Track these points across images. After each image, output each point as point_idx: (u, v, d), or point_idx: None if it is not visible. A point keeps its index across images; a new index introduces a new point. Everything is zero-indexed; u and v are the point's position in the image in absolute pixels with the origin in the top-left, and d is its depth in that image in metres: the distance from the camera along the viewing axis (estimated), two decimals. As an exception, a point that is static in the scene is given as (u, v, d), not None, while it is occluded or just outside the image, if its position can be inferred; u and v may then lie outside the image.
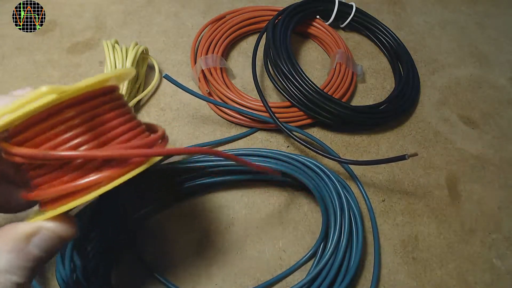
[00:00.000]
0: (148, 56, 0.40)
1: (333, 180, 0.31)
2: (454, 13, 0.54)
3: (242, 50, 0.45)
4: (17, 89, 0.18)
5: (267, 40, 0.40)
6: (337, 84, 0.40)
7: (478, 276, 0.31)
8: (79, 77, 0.41)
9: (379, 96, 0.43)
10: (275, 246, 0.31)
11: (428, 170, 0.37)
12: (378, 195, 0.35)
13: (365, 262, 0.31)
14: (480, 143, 0.40)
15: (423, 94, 0.43)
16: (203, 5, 0.49)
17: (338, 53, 0.42)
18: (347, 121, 0.37)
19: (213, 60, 0.40)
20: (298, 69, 0.37)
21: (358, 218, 0.30)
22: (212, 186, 0.33)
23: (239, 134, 0.37)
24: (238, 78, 0.42)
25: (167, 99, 0.40)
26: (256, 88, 0.36)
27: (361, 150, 0.38)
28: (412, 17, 0.53)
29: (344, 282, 0.27)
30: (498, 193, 0.36)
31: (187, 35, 0.46)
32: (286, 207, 0.33)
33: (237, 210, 0.33)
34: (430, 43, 0.49)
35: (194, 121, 0.38)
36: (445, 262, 0.31)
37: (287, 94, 0.37)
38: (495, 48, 0.50)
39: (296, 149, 0.37)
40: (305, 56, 0.46)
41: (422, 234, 0.33)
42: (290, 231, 0.32)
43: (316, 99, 0.36)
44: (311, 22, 0.46)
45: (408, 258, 0.31)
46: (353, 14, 0.47)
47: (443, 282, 0.30)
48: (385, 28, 0.47)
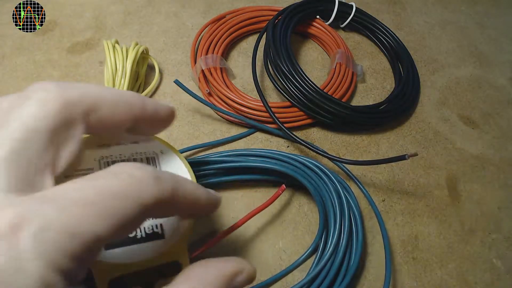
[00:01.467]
0: (148, 56, 0.40)
1: (333, 180, 0.31)
2: (454, 13, 0.54)
3: (242, 50, 0.45)
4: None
5: (267, 40, 0.40)
6: (337, 84, 0.40)
7: (478, 276, 0.31)
8: (79, 77, 0.41)
9: (379, 96, 0.43)
10: (275, 246, 0.31)
11: (428, 170, 0.37)
12: (378, 195, 0.35)
13: (365, 262, 0.31)
14: (480, 143, 0.40)
15: (423, 94, 0.43)
16: (203, 5, 0.50)
17: (338, 53, 0.42)
18: (347, 121, 0.37)
19: (213, 60, 0.40)
20: (298, 69, 0.37)
21: (358, 218, 0.30)
22: (212, 186, 0.33)
23: (239, 134, 0.37)
24: (238, 78, 0.42)
25: (167, 99, 0.40)
26: (256, 88, 0.36)
27: (361, 150, 0.38)
28: (412, 17, 0.53)
29: (344, 282, 0.27)
30: (498, 193, 0.36)
31: (187, 35, 0.46)
32: (286, 207, 0.33)
33: (237, 210, 0.33)
34: (430, 43, 0.49)
35: (194, 121, 0.38)
36: (445, 262, 0.31)
37: (287, 94, 0.37)
38: (495, 48, 0.50)
39: (296, 149, 0.37)
40: (305, 56, 0.46)
41: (422, 234, 0.33)
42: (290, 231, 0.32)
43: (316, 99, 0.36)
44: (311, 22, 0.46)
45: (408, 258, 0.31)
46: (353, 14, 0.47)
47: (443, 282, 0.30)
48: (385, 28, 0.47)
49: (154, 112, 0.18)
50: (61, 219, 0.12)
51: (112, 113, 0.16)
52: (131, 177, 0.14)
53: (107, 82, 0.36)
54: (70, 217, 0.12)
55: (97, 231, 0.12)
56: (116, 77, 0.36)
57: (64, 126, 0.15)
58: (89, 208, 0.13)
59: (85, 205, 0.13)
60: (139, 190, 0.14)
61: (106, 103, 0.16)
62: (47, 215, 0.12)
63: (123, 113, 0.17)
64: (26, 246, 0.11)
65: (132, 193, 0.14)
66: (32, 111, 0.14)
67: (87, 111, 0.15)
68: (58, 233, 0.12)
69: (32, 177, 0.13)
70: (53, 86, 0.15)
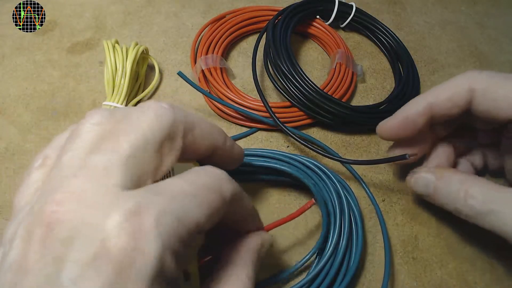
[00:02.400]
0: (148, 56, 0.40)
1: (333, 180, 0.31)
2: (454, 13, 0.54)
3: (242, 50, 0.45)
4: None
5: (267, 40, 0.40)
6: (337, 84, 0.40)
7: (478, 276, 0.31)
8: (79, 77, 0.41)
9: (379, 96, 0.43)
10: (275, 246, 0.31)
11: (428, 170, 0.37)
12: (378, 195, 0.35)
13: (365, 262, 0.31)
14: (480, 143, 0.40)
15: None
16: (203, 5, 0.50)
17: (338, 53, 0.42)
18: (347, 121, 0.37)
19: (213, 60, 0.40)
20: (298, 69, 0.37)
21: (358, 218, 0.30)
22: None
23: (239, 134, 0.37)
24: (238, 78, 0.42)
25: (167, 99, 0.40)
26: (256, 88, 0.36)
27: (361, 150, 0.38)
28: (412, 17, 0.53)
29: (344, 282, 0.27)
30: (498, 193, 0.36)
31: (187, 35, 0.46)
32: (286, 207, 0.33)
33: (237, 210, 0.33)
34: (430, 43, 0.49)
35: (194, 121, 0.38)
36: (445, 262, 0.31)
37: (287, 94, 0.37)
38: (495, 48, 0.50)
39: (296, 149, 0.37)
40: (305, 56, 0.46)
41: (422, 234, 0.33)
42: (290, 231, 0.32)
43: (316, 99, 0.36)
44: (311, 22, 0.46)
45: (408, 258, 0.31)
46: (353, 14, 0.47)
47: (443, 282, 0.30)
48: (385, 28, 0.47)
49: (230, 148, 0.22)
50: (173, 207, 0.14)
51: (201, 138, 0.19)
52: (217, 175, 0.17)
53: (107, 82, 0.36)
54: (179, 206, 0.14)
55: (198, 218, 0.15)
56: (116, 77, 0.36)
57: (170, 139, 0.17)
58: (192, 199, 0.15)
59: (188, 196, 0.15)
60: (222, 186, 0.17)
61: (200, 127, 0.19)
62: (161, 204, 0.14)
63: (209, 140, 0.20)
64: (149, 227, 0.13)
65: (220, 188, 0.17)
66: (150, 123, 0.16)
67: (186, 130, 0.18)
68: (172, 219, 0.14)
69: (141, 179, 0.15)
70: (166, 105, 0.18)
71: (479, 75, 0.25)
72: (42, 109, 0.38)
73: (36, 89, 0.39)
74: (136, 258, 0.13)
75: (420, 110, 0.27)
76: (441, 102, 0.26)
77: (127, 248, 0.13)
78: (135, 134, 0.16)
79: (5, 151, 0.35)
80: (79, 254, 0.12)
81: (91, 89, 0.40)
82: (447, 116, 0.27)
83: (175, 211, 0.14)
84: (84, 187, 0.14)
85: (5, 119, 0.37)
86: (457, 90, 0.26)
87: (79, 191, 0.14)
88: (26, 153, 0.35)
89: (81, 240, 0.13)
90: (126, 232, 0.13)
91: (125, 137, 0.16)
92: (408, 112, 0.28)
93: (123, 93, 0.36)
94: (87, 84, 0.40)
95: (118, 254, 0.12)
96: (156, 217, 0.13)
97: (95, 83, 0.40)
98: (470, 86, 0.25)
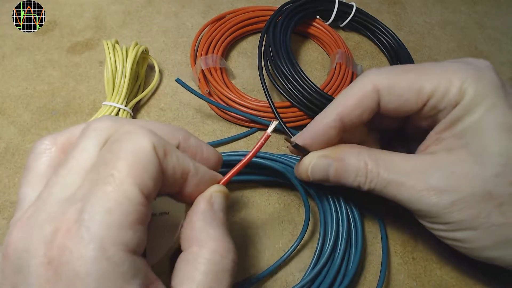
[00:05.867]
0: (148, 56, 0.40)
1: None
2: (454, 13, 0.54)
3: (242, 50, 0.45)
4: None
5: (267, 40, 0.40)
6: (337, 84, 0.40)
7: (478, 276, 0.31)
8: (79, 77, 0.41)
9: (379, 96, 0.43)
10: (275, 246, 0.31)
11: (428, 170, 0.37)
12: (378, 195, 0.35)
13: (365, 262, 0.31)
14: (480, 143, 0.40)
15: (423, 94, 0.43)
16: (203, 5, 0.50)
17: (338, 53, 0.42)
18: (347, 121, 0.37)
19: (213, 60, 0.40)
20: (298, 69, 0.37)
21: (358, 218, 0.30)
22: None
23: (239, 134, 0.37)
24: (238, 78, 0.42)
25: (167, 99, 0.40)
26: (262, 87, 0.36)
27: (361, 150, 0.38)
28: (412, 17, 0.53)
29: (344, 282, 0.27)
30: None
31: (187, 35, 0.46)
32: (286, 207, 0.33)
33: (237, 210, 0.33)
34: (430, 43, 0.49)
35: (194, 121, 0.38)
36: (445, 262, 0.31)
37: (287, 94, 0.37)
38: (495, 48, 0.50)
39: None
40: (305, 56, 0.46)
41: (422, 234, 0.33)
42: (290, 231, 0.32)
43: (316, 99, 0.36)
44: (311, 22, 0.46)
45: (408, 258, 0.31)
46: (353, 14, 0.47)
47: (443, 282, 0.30)
48: (385, 28, 0.47)
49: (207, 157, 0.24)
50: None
51: (194, 152, 0.23)
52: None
53: (107, 82, 0.36)
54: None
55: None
56: (116, 77, 0.36)
57: (164, 153, 0.19)
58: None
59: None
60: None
61: (192, 142, 0.23)
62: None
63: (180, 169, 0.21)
64: (121, 172, 0.16)
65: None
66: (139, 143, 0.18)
67: (182, 140, 0.22)
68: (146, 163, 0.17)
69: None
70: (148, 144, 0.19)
71: (380, 74, 0.24)
72: (42, 109, 0.38)
73: (36, 89, 0.39)
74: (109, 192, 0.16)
75: (330, 123, 0.25)
76: (351, 111, 0.25)
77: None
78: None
79: (5, 151, 0.35)
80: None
81: (91, 89, 0.40)
82: (359, 122, 0.25)
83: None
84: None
85: (5, 119, 0.37)
86: (363, 94, 0.24)
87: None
88: (26, 153, 0.35)
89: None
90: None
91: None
92: (317, 127, 0.26)
93: (123, 93, 0.36)
94: (87, 84, 0.40)
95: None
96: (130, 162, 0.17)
97: (95, 83, 0.40)
98: (374, 87, 0.24)
